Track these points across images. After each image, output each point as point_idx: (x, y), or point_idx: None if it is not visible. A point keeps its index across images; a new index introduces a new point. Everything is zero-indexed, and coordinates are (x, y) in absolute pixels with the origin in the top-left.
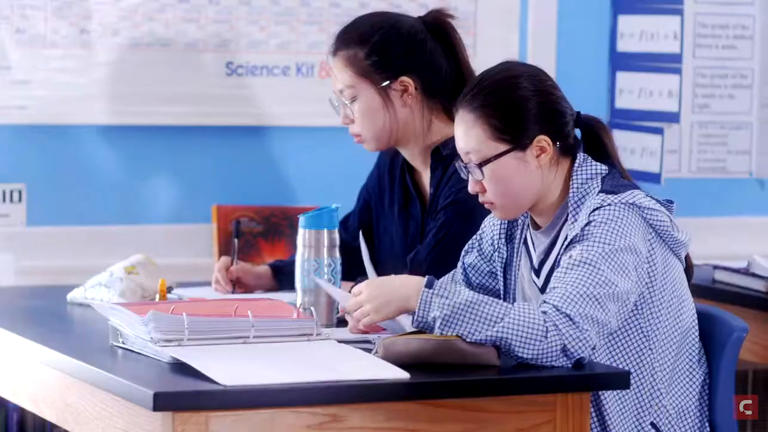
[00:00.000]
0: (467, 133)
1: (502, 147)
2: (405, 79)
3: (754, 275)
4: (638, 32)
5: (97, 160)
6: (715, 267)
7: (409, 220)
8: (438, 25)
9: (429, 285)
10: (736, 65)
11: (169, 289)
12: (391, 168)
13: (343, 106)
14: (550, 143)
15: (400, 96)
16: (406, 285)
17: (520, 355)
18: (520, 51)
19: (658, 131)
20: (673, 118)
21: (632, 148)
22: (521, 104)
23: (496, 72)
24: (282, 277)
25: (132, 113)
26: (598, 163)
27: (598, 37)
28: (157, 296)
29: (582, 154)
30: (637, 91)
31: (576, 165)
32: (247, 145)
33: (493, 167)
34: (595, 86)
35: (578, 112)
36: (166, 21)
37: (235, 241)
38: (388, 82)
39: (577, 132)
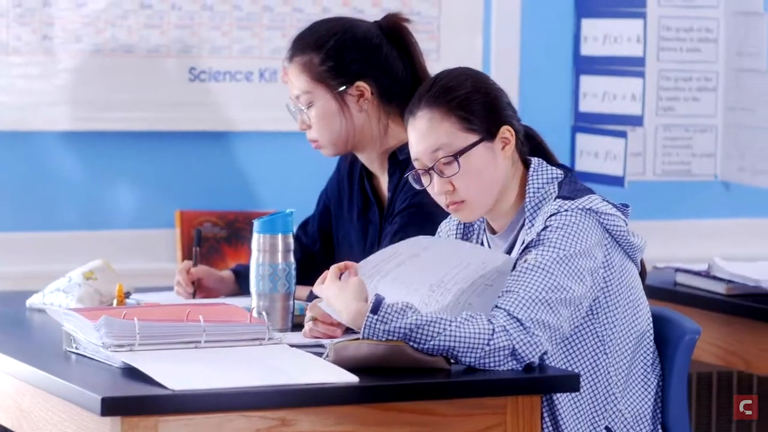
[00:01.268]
0: (434, 129)
1: (473, 138)
2: (361, 84)
3: (714, 278)
4: (602, 36)
5: (60, 166)
6: (677, 270)
7: (368, 225)
8: (394, 30)
9: (374, 310)
10: (700, 68)
11: (127, 294)
12: (350, 173)
13: (299, 112)
14: (513, 134)
15: (356, 101)
16: (357, 304)
17: (465, 361)
18: (483, 55)
19: (622, 134)
20: (636, 121)
21: (596, 152)
22: (484, 96)
23: (452, 71)
24: (244, 281)
25: (95, 119)
26: (553, 168)
27: (562, 41)
28: (115, 301)
29: (537, 159)
30: (600, 94)
31: (531, 170)
32: (210, 151)
33: (468, 158)
34: (559, 90)
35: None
36: (129, 27)
37: (196, 249)
38: (343, 87)
39: None
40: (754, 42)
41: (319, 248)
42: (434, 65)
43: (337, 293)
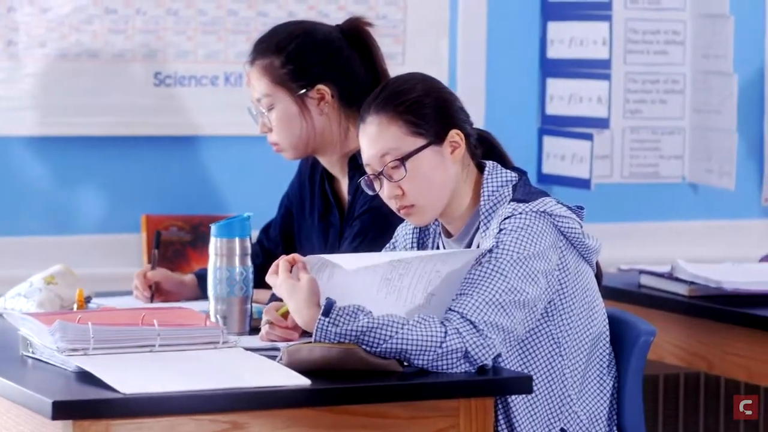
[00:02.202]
0: (382, 134)
1: (420, 141)
2: (321, 87)
3: (677, 279)
4: (568, 39)
5: (25, 172)
6: (641, 271)
7: (329, 229)
8: (356, 33)
9: (326, 312)
10: (667, 70)
11: (88, 299)
12: (311, 176)
13: (261, 115)
14: (463, 138)
15: (316, 104)
16: (309, 306)
17: (417, 363)
18: (450, 58)
19: (588, 137)
20: (602, 123)
21: (563, 155)
22: (432, 101)
23: (402, 76)
24: (206, 285)
25: (60, 124)
26: (508, 171)
27: (528, 44)
28: (75, 306)
29: (491, 162)
30: (567, 97)
31: (486, 173)
32: (176, 155)
33: (415, 162)
34: (525, 93)
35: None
36: (94, 32)
37: (155, 252)
38: (303, 90)
39: None
40: (721, 44)
41: (281, 251)
42: (400, 69)
43: (290, 291)
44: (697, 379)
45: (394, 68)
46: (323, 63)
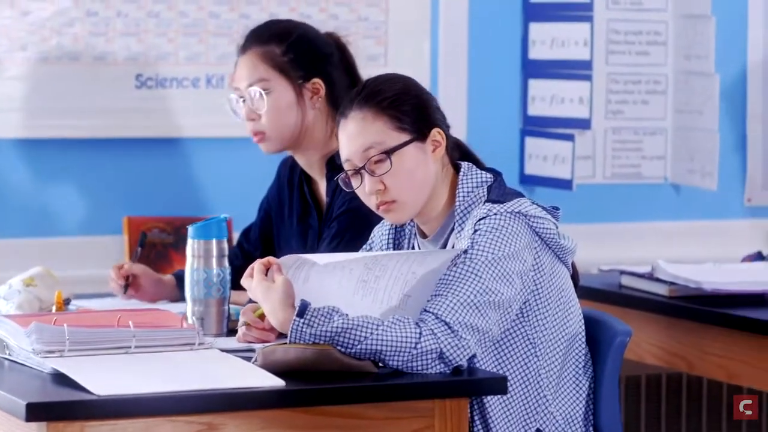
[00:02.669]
0: (367, 129)
1: (405, 137)
2: (317, 81)
3: (657, 280)
4: (549, 40)
5: (7, 174)
6: (622, 272)
7: (308, 231)
8: (339, 45)
9: (300, 313)
10: (649, 71)
11: (67, 301)
12: (290, 179)
13: (249, 101)
14: (444, 137)
15: (310, 97)
16: (284, 308)
17: (392, 364)
18: (431, 60)
19: (570, 138)
20: (584, 124)
21: (545, 155)
22: (415, 98)
23: (381, 76)
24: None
25: (42, 127)
26: (483, 172)
27: (510, 45)
28: (54, 308)
29: (467, 163)
30: (549, 98)
31: (461, 174)
32: (158, 157)
33: (400, 157)
34: (507, 94)
35: None
36: (75, 35)
37: (138, 249)
38: (301, 81)
39: None
40: (702, 45)
41: (260, 254)
42: (382, 70)
43: (264, 293)
44: (680, 379)
45: (377, 70)
46: (321, 59)
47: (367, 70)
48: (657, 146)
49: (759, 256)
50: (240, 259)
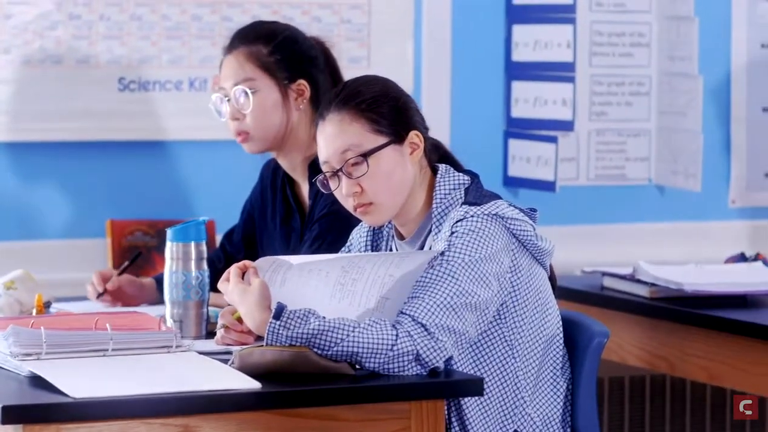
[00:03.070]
0: (344, 131)
1: (382, 139)
2: (302, 82)
3: (639, 281)
4: (532, 41)
5: None
6: (604, 273)
7: (291, 233)
8: (323, 49)
9: (277, 315)
10: (633, 73)
11: (48, 304)
12: (272, 181)
13: (235, 100)
14: (422, 140)
15: (295, 98)
16: (260, 311)
17: (369, 366)
18: (415, 62)
19: (553, 140)
20: (567, 126)
21: (528, 157)
22: (394, 101)
23: (360, 77)
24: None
25: (25, 130)
26: (460, 174)
27: (493, 47)
28: (34, 311)
29: (444, 165)
30: (532, 100)
31: (439, 176)
32: (141, 160)
33: (377, 159)
34: (490, 96)
35: None
36: (57, 38)
37: (126, 264)
38: (287, 81)
39: None
40: (686, 46)
41: (243, 257)
42: (365, 72)
43: (240, 296)
44: (663, 380)
45: (359, 72)
46: (307, 61)
47: (349, 72)
48: (641, 148)
49: (742, 258)
50: (222, 261)
